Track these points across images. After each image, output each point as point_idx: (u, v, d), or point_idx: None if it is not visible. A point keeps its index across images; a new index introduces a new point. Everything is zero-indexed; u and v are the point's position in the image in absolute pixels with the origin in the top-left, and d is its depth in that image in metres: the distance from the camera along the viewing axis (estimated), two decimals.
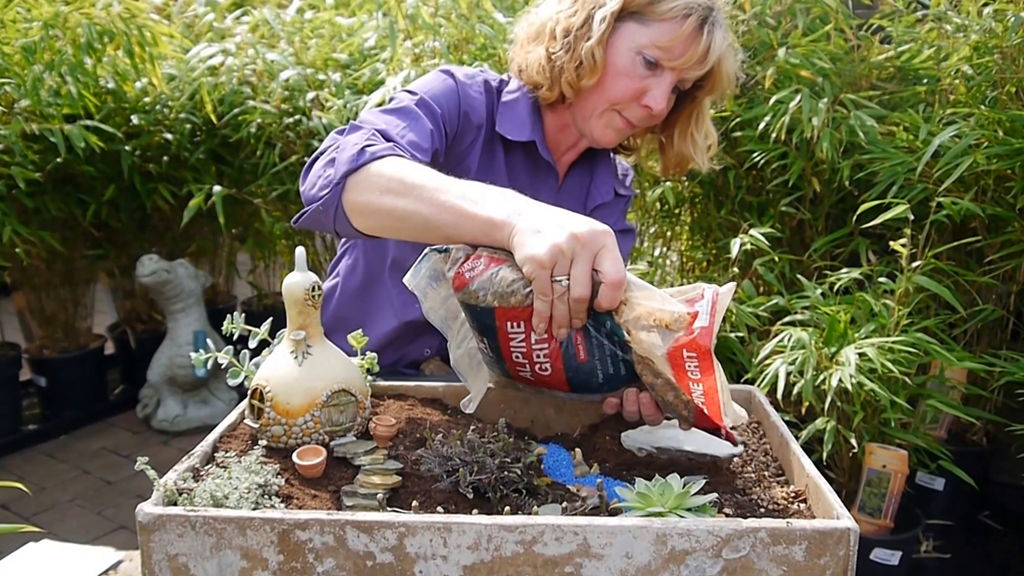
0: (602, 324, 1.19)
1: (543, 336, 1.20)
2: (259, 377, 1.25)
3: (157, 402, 3.99)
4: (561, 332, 1.19)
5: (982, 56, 2.62)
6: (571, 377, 1.25)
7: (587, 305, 1.15)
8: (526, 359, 1.25)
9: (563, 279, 1.14)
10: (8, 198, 3.21)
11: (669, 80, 1.65)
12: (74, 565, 1.76)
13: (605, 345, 1.21)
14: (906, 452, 2.35)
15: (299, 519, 0.99)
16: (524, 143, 1.77)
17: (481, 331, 1.26)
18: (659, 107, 1.65)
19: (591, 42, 1.64)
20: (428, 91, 1.67)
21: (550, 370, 1.24)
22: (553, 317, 1.17)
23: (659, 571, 0.98)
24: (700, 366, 1.16)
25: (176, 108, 3.60)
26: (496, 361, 1.29)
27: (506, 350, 1.25)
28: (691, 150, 1.81)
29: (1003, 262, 2.58)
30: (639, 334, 1.16)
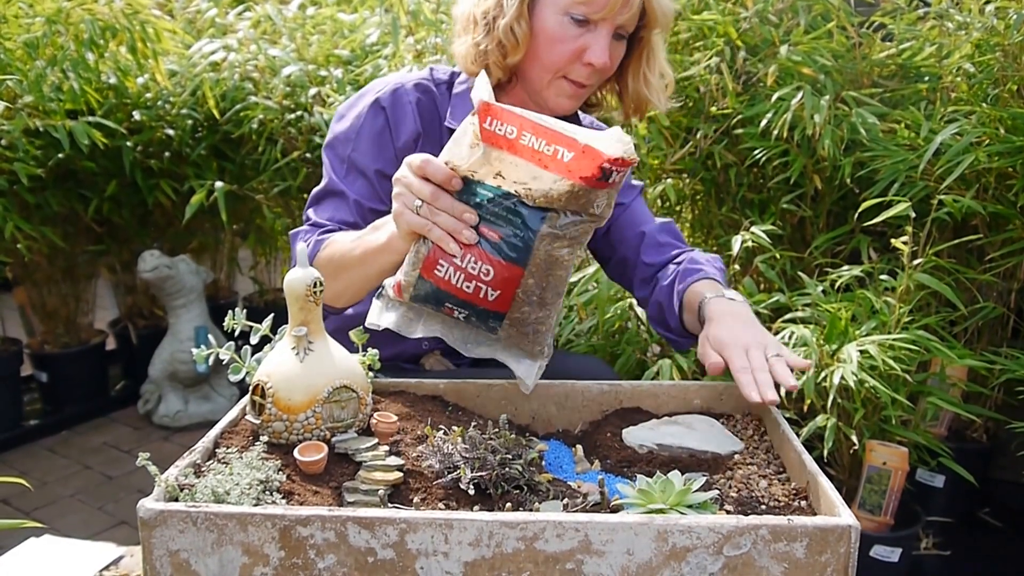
0: (475, 195, 1.25)
1: (462, 253, 1.25)
2: (260, 373, 1.25)
3: (158, 398, 3.99)
4: (466, 235, 1.24)
5: (984, 54, 2.62)
6: (509, 257, 1.25)
7: (447, 197, 1.25)
8: (474, 280, 1.26)
9: (417, 202, 1.25)
10: (10, 194, 3.20)
11: (605, 32, 1.61)
12: (75, 560, 1.76)
13: (495, 208, 1.25)
14: (906, 449, 2.35)
15: (300, 515, 0.99)
16: None
17: (436, 300, 1.28)
18: (601, 61, 1.61)
19: (505, 20, 1.63)
20: (353, 150, 1.72)
21: (492, 270, 1.25)
22: (445, 230, 1.24)
23: (660, 568, 0.98)
24: (545, 141, 1.22)
25: (178, 104, 3.60)
26: (475, 314, 1.29)
27: (460, 292, 1.27)
28: (646, 90, 1.76)
29: (1004, 260, 2.58)
30: (495, 176, 1.24)
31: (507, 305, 1.28)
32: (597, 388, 1.49)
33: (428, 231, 1.25)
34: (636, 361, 2.53)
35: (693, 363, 2.43)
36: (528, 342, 1.30)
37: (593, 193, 1.22)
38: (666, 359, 2.39)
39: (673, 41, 2.92)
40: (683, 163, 2.99)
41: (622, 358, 2.52)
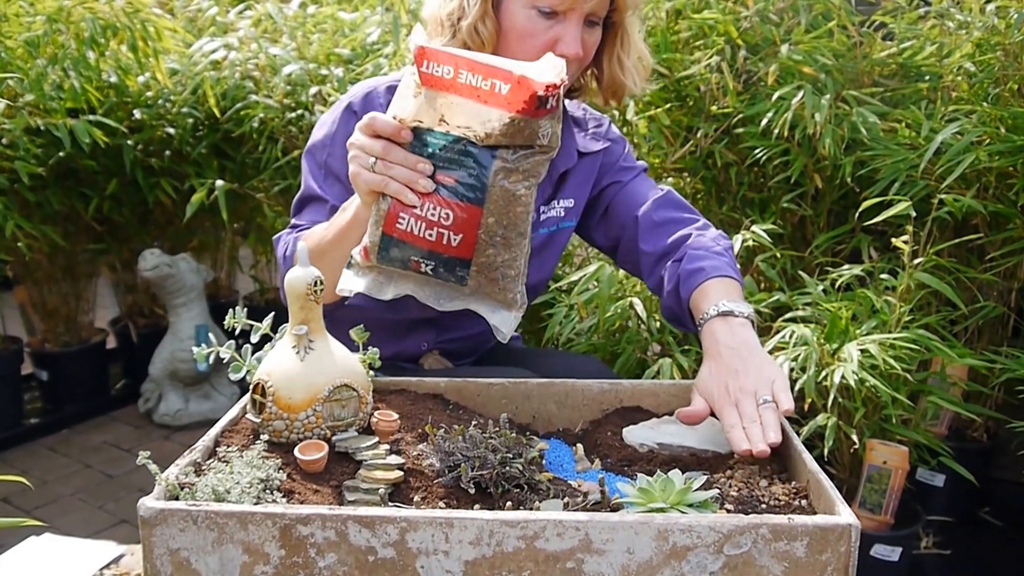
0: (427, 145, 1.27)
1: (420, 202, 1.27)
2: (261, 372, 1.25)
3: (159, 396, 3.99)
4: (422, 184, 1.26)
5: (984, 53, 2.62)
6: (466, 198, 1.26)
7: (399, 150, 1.27)
8: (435, 227, 1.27)
9: (371, 160, 1.28)
10: (11, 192, 3.20)
11: (574, 22, 1.59)
12: (75, 559, 1.77)
13: (447, 154, 1.27)
14: (907, 448, 2.35)
15: (301, 514, 0.99)
16: None
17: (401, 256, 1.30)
18: (573, 51, 1.59)
19: (468, 21, 1.62)
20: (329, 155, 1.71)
21: (452, 214, 1.26)
22: (402, 182, 1.27)
23: (661, 567, 0.98)
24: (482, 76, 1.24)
25: (179, 103, 3.60)
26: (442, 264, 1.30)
27: (423, 241, 1.29)
28: (621, 74, 1.73)
29: (1004, 259, 2.58)
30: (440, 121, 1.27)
31: (471, 250, 1.28)
32: (598, 387, 1.49)
33: (385, 186, 1.27)
34: (636, 360, 2.53)
35: (694, 362, 2.43)
36: (499, 289, 1.30)
37: (535, 123, 1.24)
38: (666, 358, 2.39)
39: (674, 40, 2.92)
40: (684, 162, 2.99)
41: (622, 357, 2.52)
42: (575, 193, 1.81)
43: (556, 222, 1.81)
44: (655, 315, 2.55)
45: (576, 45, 1.58)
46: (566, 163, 1.79)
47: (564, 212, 1.81)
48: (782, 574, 0.98)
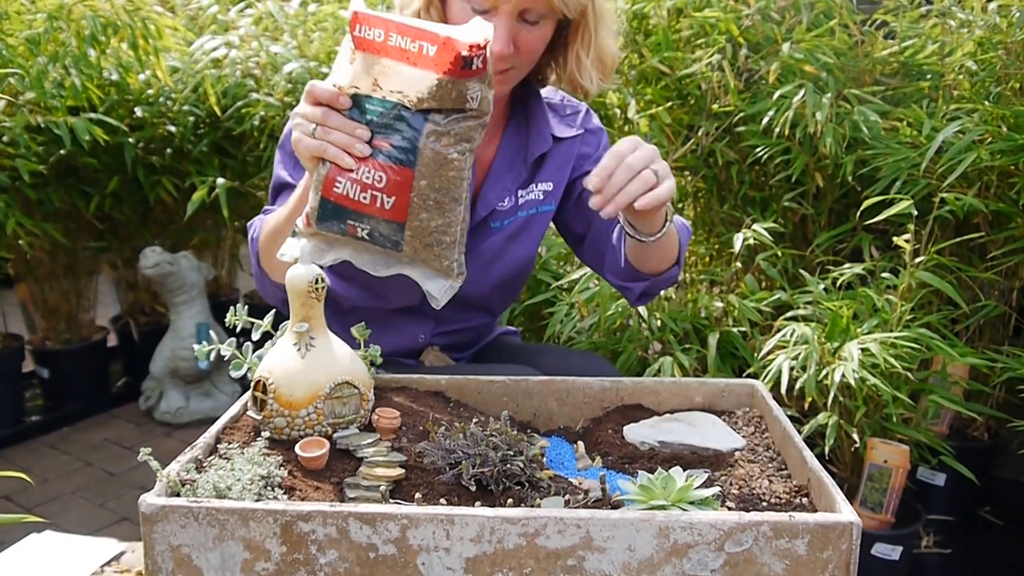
0: (365, 112, 1.30)
1: (357, 166, 1.29)
2: (262, 369, 1.25)
3: (160, 394, 3.99)
4: (358, 148, 1.28)
5: (986, 52, 2.62)
6: (399, 160, 1.28)
7: (337, 115, 1.29)
8: (369, 190, 1.30)
9: (311, 126, 1.31)
10: (12, 190, 3.20)
11: (503, 20, 1.57)
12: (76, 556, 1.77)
13: (384, 120, 1.29)
14: (907, 447, 2.35)
15: (302, 511, 0.99)
16: None
17: (338, 220, 1.32)
18: (498, 48, 1.57)
19: (412, 8, 1.66)
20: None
21: (385, 176, 1.29)
22: (339, 147, 1.29)
23: (661, 564, 0.98)
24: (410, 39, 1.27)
25: (179, 100, 3.60)
26: (377, 228, 1.32)
27: (358, 204, 1.30)
28: (576, 71, 1.72)
29: (1006, 258, 2.58)
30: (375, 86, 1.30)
31: (404, 213, 1.30)
32: (599, 385, 1.49)
33: (324, 151, 1.29)
34: (637, 359, 2.53)
35: (694, 360, 2.43)
36: (434, 256, 1.31)
37: (463, 84, 1.25)
38: (667, 357, 2.39)
39: (675, 38, 2.92)
40: (685, 160, 2.99)
41: (623, 355, 2.52)
42: (554, 177, 1.82)
43: (535, 205, 1.81)
44: (656, 314, 2.55)
45: (502, 42, 1.57)
46: (541, 147, 1.79)
47: (543, 195, 1.81)
48: (783, 572, 0.98)
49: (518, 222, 1.79)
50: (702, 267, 3.20)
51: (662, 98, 2.96)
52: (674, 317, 2.56)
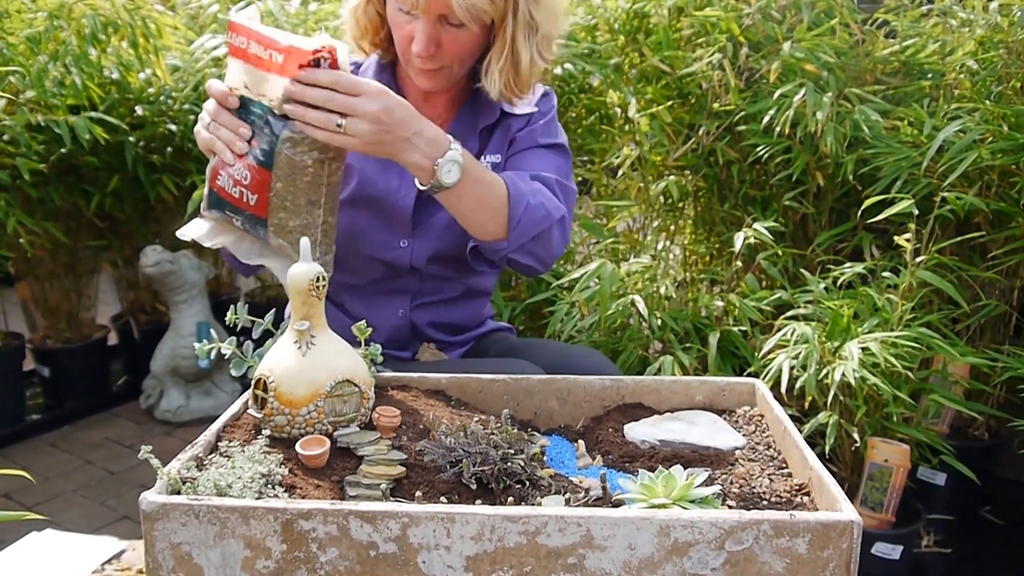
0: (249, 112, 1.42)
1: (234, 162, 1.43)
2: (263, 367, 1.25)
3: (160, 393, 3.99)
4: (238, 145, 1.43)
5: (987, 51, 2.62)
6: (260, 161, 1.40)
7: (225, 113, 1.44)
8: (239, 186, 1.43)
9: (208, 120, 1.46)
10: (12, 188, 3.20)
11: (423, 22, 1.60)
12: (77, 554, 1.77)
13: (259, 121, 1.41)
14: (908, 447, 2.35)
15: (302, 509, 0.99)
16: None
17: (219, 208, 1.48)
18: (417, 49, 1.62)
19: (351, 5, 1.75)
20: None
21: (249, 175, 1.41)
22: (224, 142, 1.44)
23: (662, 563, 0.98)
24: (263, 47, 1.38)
25: (180, 99, 3.60)
26: (247, 219, 1.44)
27: (231, 197, 1.44)
28: (483, 74, 1.72)
29: (1007, 257, 2.58)
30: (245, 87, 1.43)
31: (265, 210, 1.41)
32: (599, 384, 1.49)
33: (212, 144, 1.45)
34: (638, 358, 2.53)
35: (695, 359, 2.43)
36: (296, 253, 1.37)
37: None
38: (668, 356, 2.39)
39: (676, 37, 2.92)
40: (685, 159, 3.00)
41: (624, 354, 2.53)
42: (500, 149, 1.85)
43: None
44: (656, 313, 2.55)
45: (421, 43, 1.62)
46: (486, 119, 1.83)
47: (490, 167, 1.78)
48: (784, 570, 0.98)
49: None
50: (703, 266, 3.20)
51: (663, 97, 2.96)
52: (675, 316, 2.56)
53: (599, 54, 3.00)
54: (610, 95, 3.07)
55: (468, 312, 1.96)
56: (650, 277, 2.67)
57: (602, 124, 3.24)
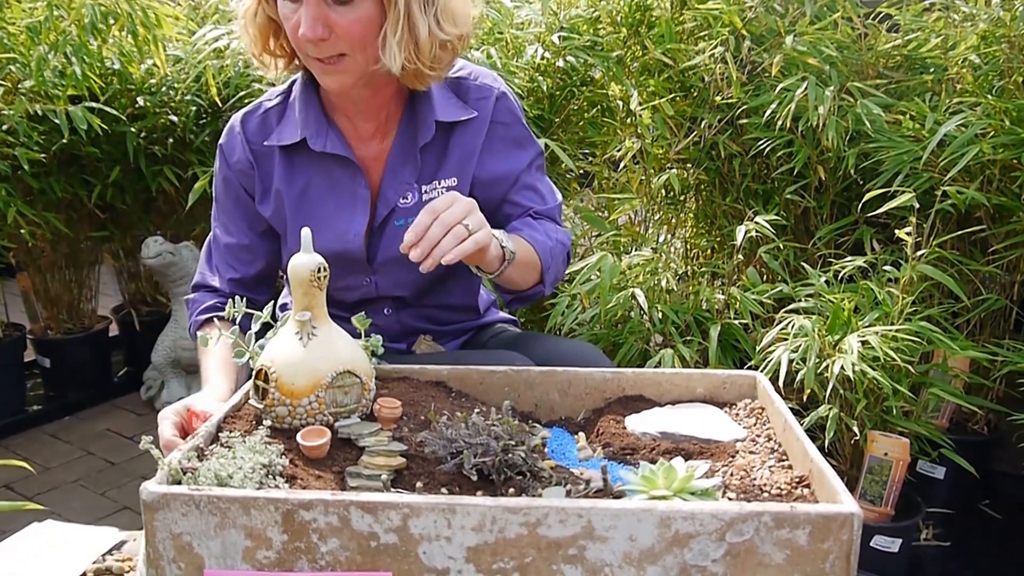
0: None
1: None
2: (264, 358, 1.25)
3: (161, 384, 4.00)
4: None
5: (989, 45, 2.62)
6: None
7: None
8: None
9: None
10: (13, 179, 3.20)
11: (308, 3, 1.53)
12: (78, 545, 1.77)
13: None
14: (908, 440, 2.35)
15: (303, 499, 0.99)
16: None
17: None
18: (302, 32, 1.53)
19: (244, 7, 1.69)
20: (217, 201, 1.88)
21: None
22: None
23: (663, 554, 0.98)
24: None
25: (181, 90, 3.59)
26: None
27: None
28: (381, 50, 1.60)
29: (1007, 252, 2.58)
30: None
31: None
32: (600, 376, 1.49)
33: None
34: (639, 350, 2.53)
35: (696, 353, 2.43)
36: None
37: None
38: (668, 349, 2.40)
39: (678, 30, 2.92)
40: (687, 153, 2.99)
41: (624, 347, 2.53)
42: (456, 171, 1.76)
43: None
44: (657, 306, 2.55)
45: (308, 26, 1.53)
46: (424, 137, 1.73)
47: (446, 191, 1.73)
48: (784, 562, 0.98)
49: None
50: (704, 259, 3.20)
51: (665, 90, 2.96)
52: (676, 309, 2.56)
53: (601, 47, 2.99)
54: (612, 88, 3.07)
55: (457, 298, 1.92)
56: (651, 270, 2.67)
57: (604, 117, 3.24)
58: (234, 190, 1.82)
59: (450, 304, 1.91)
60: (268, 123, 1.79)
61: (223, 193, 1.84)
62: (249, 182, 1.80)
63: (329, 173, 1.75)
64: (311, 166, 1.75)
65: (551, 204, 1.84)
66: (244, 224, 1.83)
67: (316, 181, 1.76)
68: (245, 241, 1.83)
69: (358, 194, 1.74)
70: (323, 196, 1.75)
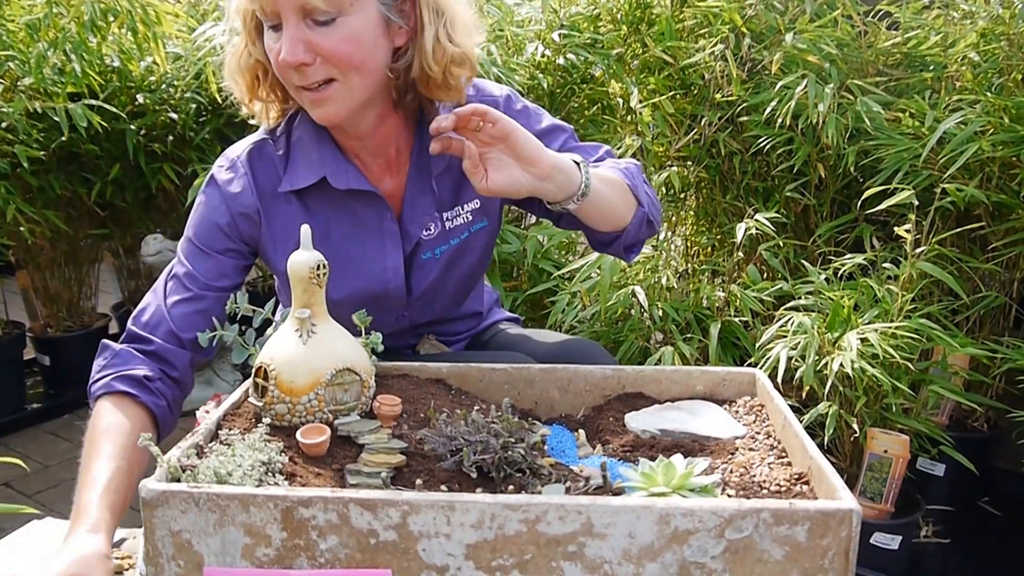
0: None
1: None
2: (263, 355, 1.25)
3: None
4: None
5: (989, 43, 2.62)
6: None
7: None
8: None
9: None
10: (12, 177, 3.20)
11: (287, 26, 1.44)
12: None
13: None
14: (907, 437, 2.36)
15: (302, 496, 0.99)
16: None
17: None
18: (283, 57, 1.44)
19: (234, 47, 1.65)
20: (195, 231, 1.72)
21: None
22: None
23: (662, 551, 0.98)
24: None
25: (181, 88, 3.59)
26: None
27: None
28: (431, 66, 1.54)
29: (1007, 249, 2.58)
30: None
31: None
32: (600, 373, 1.49)
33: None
34: (639, 348, 2.53)
35: (696, 350, 2.43)
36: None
37: None
38: (668, 346, 2.40)
39: (678, 28, 2.92)
40: (688, 150, 3.00)
41: (625, 345, 2.53)
42: (472, 194, 1.67)
43: (465, 228, 1.70)
44: (658, 303, 2.56)
45: (288, 49, 1.44)
46: (439, 164, 1.66)
47: (472, 216, 1.70)
48: (783, 558, 0.98)
49: (451, 250, 1.70)
50: (704, 257, 3.20)
51: (665, 87, 2.96)
52: (676, 307, 2.56)
53: (602, 44, 3.00)
54: (612, 85, 3.07)
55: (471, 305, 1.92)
56: (651, 268, 2.67)
57: (604, 114, 3.24)
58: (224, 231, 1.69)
59: (460, 315, 1.90)
60: (274, 166, 1.68)
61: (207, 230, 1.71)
62: (250, 229, 1.68)
63: (352, 212, 1.65)
64: (328, 207, 1.65)
65: (602, 152, 1.74)
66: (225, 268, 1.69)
67: (337, 222, 1.65)
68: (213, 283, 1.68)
69: (386, 228, 1.65)
70: (347, 236, 1.65)
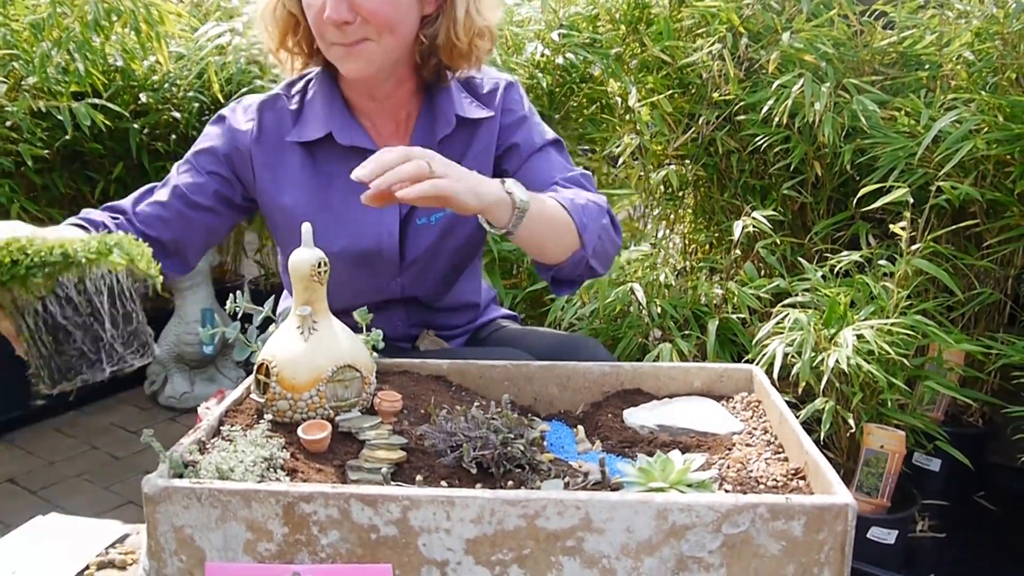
0: None
1: None
2: (265, 352, 1.26)
3: (164, 379, 4.01)
4: None
5: (983, 42, 2.63)
6: None
7: None
8: None
9: None
10: (16, 175, 3.21)
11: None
12: (81, 538, 1.78)
13: None
14: (903, 433, 2.37)
15: (304, 492, 1.00)
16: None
17: None
18: (329, 13, 1.51)
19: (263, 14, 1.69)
20: (192, 153, 1.86)
21: None
22: None
23: (660, 546, 0.99)
24: None
25: (184, 87, 3.60)
26: None
27: None
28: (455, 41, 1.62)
29: (1001, 246, 2.59)
30: None
31: None
32: (599, 370, 1.50)
33: None
34: (638, 344, 2.54)
35: (694, 347, 2.45)
36: None
37: None
38: (667, 343, 2.41)
39: (676, 28, 2.93)
40: (685, 149, 3.01)
41: (623, 341, 2.54)
42: (474, 165, 1.64)
43: None
44: (656, 300, 2.57)
45: (334, 7, 1.51)
46: (443, 130, 1.71)
47: None
48: (780, 553, 0.99)
49: (446, 218, 1.73)
50: (702, 254, 3.21)
51: (663, 87, 2.97)
52: (674, 304, 2.57)
53: (600, 44, 3.01)
54: (611, 84, 3.08)
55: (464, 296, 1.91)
56: (650, 265, 2.69)
57: (603, 113, 3.25)
58: (219, 157, 1.83)
59: (456, 305, 1.90)
60: (284, 119, 1.76)
61: (202, 151, 1.86)
62: (243, 167, 1.79)
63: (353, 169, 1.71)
64: (332, 162, 1.71)
65: (576, 172, 1.76)
66: (206, 189, 1.82)
67: (340, 177, 1.70)
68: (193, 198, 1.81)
69: None
70: (348, 193, 1.67)
